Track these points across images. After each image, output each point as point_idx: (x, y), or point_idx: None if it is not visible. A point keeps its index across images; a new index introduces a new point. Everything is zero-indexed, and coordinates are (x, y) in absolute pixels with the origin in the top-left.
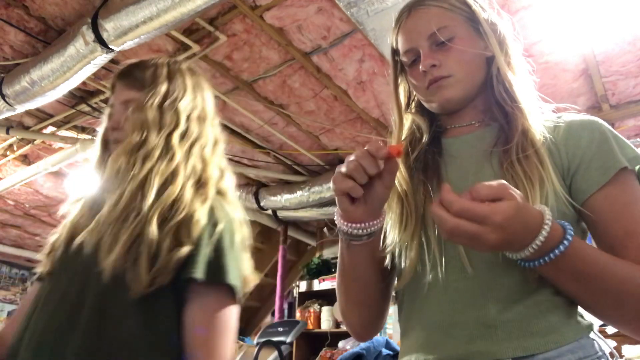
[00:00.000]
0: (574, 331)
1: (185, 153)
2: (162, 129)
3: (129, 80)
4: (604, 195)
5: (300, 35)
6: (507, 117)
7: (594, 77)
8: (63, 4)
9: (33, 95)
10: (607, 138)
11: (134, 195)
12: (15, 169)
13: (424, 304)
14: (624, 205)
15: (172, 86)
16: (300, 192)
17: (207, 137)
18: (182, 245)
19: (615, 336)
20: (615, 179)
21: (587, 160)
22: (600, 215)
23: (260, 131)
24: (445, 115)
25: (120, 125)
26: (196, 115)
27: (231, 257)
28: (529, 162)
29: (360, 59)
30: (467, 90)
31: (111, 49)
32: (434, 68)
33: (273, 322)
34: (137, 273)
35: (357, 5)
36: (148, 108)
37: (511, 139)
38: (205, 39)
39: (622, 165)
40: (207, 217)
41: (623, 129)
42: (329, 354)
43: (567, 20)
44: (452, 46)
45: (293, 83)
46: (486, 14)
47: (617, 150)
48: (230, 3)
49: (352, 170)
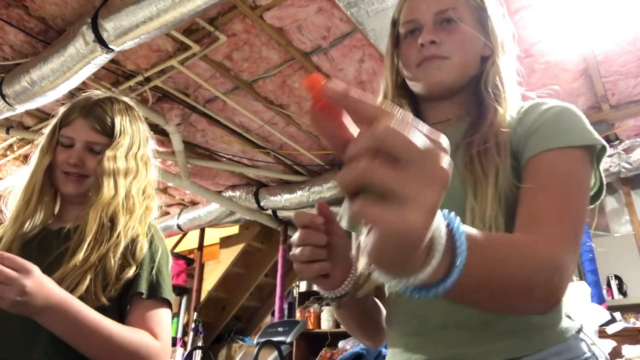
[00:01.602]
0: (560, 332)
1: (138, 195)
2: (127, 177)
3: (92, 121)
4: (541, 159)
5: (300, 35)
6: (481, 111)
7: (594, 77)
8: (63, 4)
9: (33, 95)
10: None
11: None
12: (15, 169)
13: (405, 307)
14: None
15: (132, 137)
16: (300, 192)
17: (150, 176)
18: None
19: (615, 336)
20: (557, 151)
21: (533, 131)
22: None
23: (260, 131)
24: (426, 101)
25: (82, 164)
26: (145, 161)
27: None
28: (487, 154)
29: (360, 59)
30: (458, 79)
31: (111, 49)
32: (432, 45)
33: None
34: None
35: (357, 5)
36: (118, 159)
37: (477, 131)
38: (205, 39)
39: (568, 142)
40: (147, 245)
41: (623, 129)
42: (329, 354)
43: (567, 20)
44: (458, 27)
45: (293, 83)
46: (495, 11)
47: (570, 127)
48: (230, 3)
49: (308, 255)
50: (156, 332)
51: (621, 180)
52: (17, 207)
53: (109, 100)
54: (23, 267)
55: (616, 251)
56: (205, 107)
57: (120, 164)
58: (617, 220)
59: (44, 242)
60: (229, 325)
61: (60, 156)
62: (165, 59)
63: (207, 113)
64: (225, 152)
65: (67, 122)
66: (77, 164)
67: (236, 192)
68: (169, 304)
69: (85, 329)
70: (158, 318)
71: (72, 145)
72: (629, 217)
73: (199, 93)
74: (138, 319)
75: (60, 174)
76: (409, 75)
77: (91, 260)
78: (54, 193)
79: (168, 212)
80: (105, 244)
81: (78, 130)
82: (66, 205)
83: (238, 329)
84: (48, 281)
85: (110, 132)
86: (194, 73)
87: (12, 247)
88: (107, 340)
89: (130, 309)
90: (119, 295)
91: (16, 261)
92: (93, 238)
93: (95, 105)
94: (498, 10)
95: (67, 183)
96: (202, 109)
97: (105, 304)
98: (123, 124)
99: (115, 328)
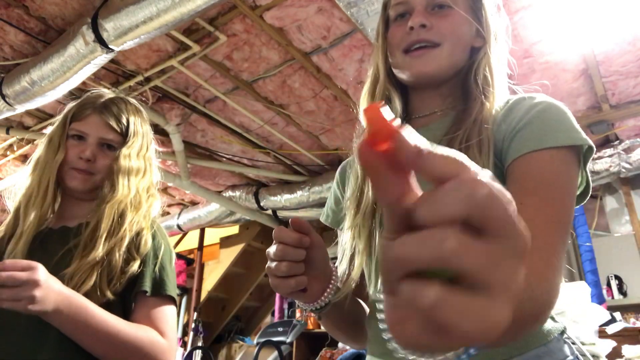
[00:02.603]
0: (542, 335)
1: (144, 193)
2: (137, 176)
3: (108, 118)
4: (525, 161)
5: (300, 35)
6: (467, 104)
7: (594, 77)
8: (63, 4)
9: (33, 95)
10: (547, 116)
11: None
12: (15, 169)
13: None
14: (541, 176)
15: (143, 138)
16: (300, 192)
17: (154, 177)
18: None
19: (615, 336)
20: (543, 151)
21: (517, 130)
22: (514, 180)
23: (260, 131)
24: (414, 91)
25: (94, 160)
26: (150, 162)
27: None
28: (469, 153)
29: (360, 59)
30: (447, 68)
31: (111, 49)
32: (422, 29)
33: (273, 322)
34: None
35: (357, 5)
36: (132, 158)
37: (460, 127)
38: (205, 39)
39: (553, 142)
40: (151, 240)
41: (623, 129)
42: (329, 354)
43: (567, 20)
44: (451, 12)
45: (293, 83)
46: (490, 1)
47: (555, 126)
48: (230, 3)
49: (284, 271)
50: (162, 330)
51: (621, 180)
52: (32, 204)
53: (122, 100)
54: (29, 266)
55: (616, 251)
56: (205, 107)
57: (134, 163)
58: (617, 220)
59: (48, 241)
60: (229, 325)
61: (71, 151)
62: (165, 59)
63: (207, 113)
64: (225, 152)
65: (80, 117)
66: (89, 159)
67: (236, 192)
68: (173, 301)
69: (92, 327)
70: (163, 315)
71: (83, 140)
72: (629, 217)
73: (199, 93)
74: (143, 317)
75: (70, 170)
76: (394, 62)
77: (100, 255)
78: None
79: (168, 212)
80: (113, 239)
81: (92, 126)
82: (69, 202)
83: (238, 329)
84: (53, 279)
85: (125, 131)
86: (194, 73)
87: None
88: (114, 338)
89: (135, 307)
90: (123, 289)
91: (20, 264)
92: (107, 234)
93: (110, 103)
94: (492, 1)
95: (75, 179)
96: (202, 109)
97: (110, 298)
98: (136, 124)
99: (122, 325)
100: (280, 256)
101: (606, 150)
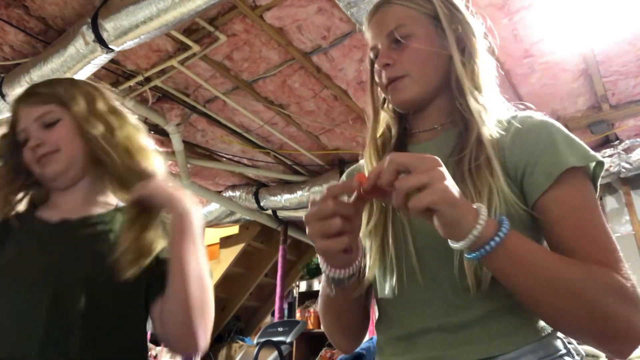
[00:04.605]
0: (536, 330)
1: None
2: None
3: (33, 100)
4: (551, 198)
5: (300, 35)
6: (465, 121)
7: (594, 77)
8: (63, 4)
9: None
10: (554, 140)
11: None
12: None
13: (392, 313)
14: (571, 208)
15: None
16: (300, 192)
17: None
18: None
19: None
20: (561, 180)
21: (532, 164)
22: (548, 217)
23: (260, 131)
24: (411, 114)
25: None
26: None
27: None
28: (480, 174)
29: (360, 59)
30: (423, 92)
31: (111, 49)
32: (388, 67)
33: (273, 322)
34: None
35: (357, 5)
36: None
37: (465, 146)
38: (205, 39)
39: (567, 166)
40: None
41: (623, 129)
42: (329, 354)
43: (567, 20)
44: (408, 44)
45: (293, 83)
46: (448, 12)
47: (565, 150)
48: (230, 3)
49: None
50: None
51: (621, 180)
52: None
53: (47, 81)
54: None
55: None
56: (205, 107)
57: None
58: (617, 220)
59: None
60: (229, 325)
61: (24, 154)
62: (165, 59)
63: (207, 113)
64: (225, 152)
65: (16, 118)
66: (38, 145)
67: (236, 192)
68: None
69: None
70: None
71: (27, 134)
72: (629, 217)
73: (199, 93)
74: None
75: (34, 166)
76: (386, 97)
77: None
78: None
79: None
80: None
81: (24, 116)
82: (58, 195)
83: (238, 329)
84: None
85: (58, 100)
86: (194, 73)
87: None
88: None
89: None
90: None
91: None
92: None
93: (30, 88)
94: (457, 12)
95: (43, 168)
96: (202, 109)
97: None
98: (65, 87)
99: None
100: (334, 210)
101: (606, 150)
